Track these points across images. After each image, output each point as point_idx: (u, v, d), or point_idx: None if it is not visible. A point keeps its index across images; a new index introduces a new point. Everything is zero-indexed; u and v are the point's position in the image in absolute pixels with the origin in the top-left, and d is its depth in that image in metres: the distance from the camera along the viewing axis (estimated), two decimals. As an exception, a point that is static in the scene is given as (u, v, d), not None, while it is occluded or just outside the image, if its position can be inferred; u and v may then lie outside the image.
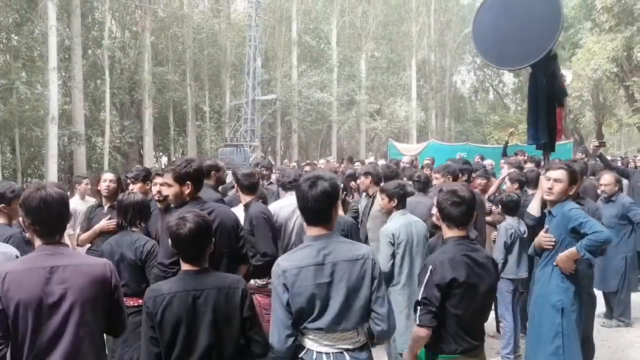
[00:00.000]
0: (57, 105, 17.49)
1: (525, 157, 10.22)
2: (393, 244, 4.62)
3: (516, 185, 6.16)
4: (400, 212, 4.95)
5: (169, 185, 3.56)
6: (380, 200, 5.03)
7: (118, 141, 22.94)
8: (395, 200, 4.86)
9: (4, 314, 2.40)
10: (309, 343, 2.55)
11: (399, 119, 30.47)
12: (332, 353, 2.52)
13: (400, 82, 31.86)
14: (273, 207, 5.12)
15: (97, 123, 22.79)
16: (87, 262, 2.67)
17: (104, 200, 5.48)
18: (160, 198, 4.42)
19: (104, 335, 2.76)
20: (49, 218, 2.54)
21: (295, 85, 26.78)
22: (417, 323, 2.86)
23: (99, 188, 5.69)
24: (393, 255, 4.59)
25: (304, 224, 2.71)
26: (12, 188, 4.34)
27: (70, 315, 2.51)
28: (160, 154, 29.87)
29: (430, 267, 2.85)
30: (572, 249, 3.67)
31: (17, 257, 2.87)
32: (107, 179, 5.42)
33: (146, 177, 5.27)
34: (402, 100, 31.34)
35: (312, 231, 2.63)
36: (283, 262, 2.58)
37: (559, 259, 3.75)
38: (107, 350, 3.18)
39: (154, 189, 4.56)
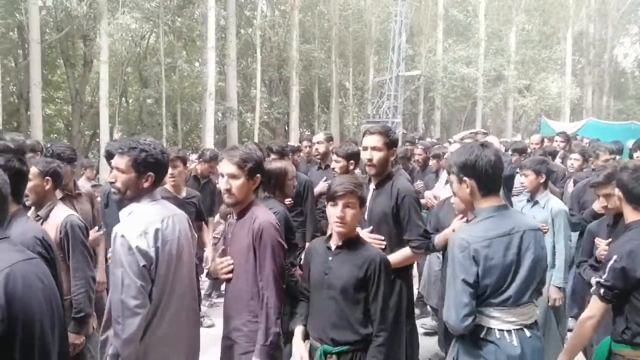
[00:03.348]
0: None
1: None
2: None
3: None
4: (548, 190, 4.62)
5: (379, 150, 3.39)
6: (523, 179, 4.64)
7: (266, 116, 24.04)
8: (544, 176, 4.51)
9: None
10: (491, 322, 2.44)
11: (551, 95, 28.58)
12: (514, 330, 2.41)
13: (553, 56, 29.70)
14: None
15: (248, 99, 24.01)
16: None
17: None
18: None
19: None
20: None
21: (440, 61, 26.11)
22: (602, 296, 2.65)
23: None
24: None
25: (479, 194, 2.54)
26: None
27: None
28: (304, 129, 30.81)
29: (615, 256, 2.60)
30: None
31: None
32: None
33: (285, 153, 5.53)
34: (554, 76, 29.32)
35: (489, 202, 2.52)
36: (466, 235, 2.45)
37: None
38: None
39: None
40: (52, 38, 18.12)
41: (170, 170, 4.32)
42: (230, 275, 2.86)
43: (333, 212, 2.66)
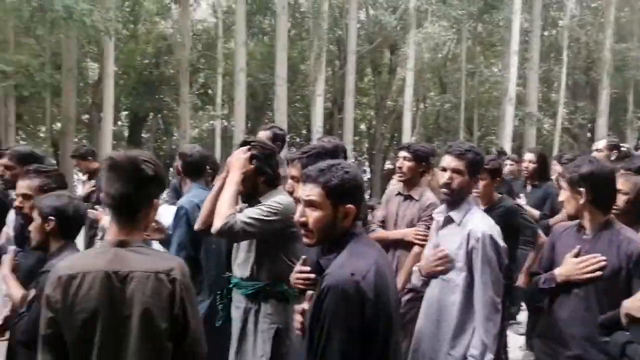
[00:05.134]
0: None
1: None
2: None
3: None
4: None
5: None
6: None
7: (567, 122, 22.42)
8: None
9: None
10: None
11: None
12: None
13: None
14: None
15: (547, 104, 22.75)
16: None
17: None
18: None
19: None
20: None
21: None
22: None
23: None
24: None
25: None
26: None
27: None
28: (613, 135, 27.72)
29: None
30: None
31: None
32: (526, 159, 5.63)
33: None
34: None
35: None
36: None
37: None
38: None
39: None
40: (364, 49, 19.88)
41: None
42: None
43: None
